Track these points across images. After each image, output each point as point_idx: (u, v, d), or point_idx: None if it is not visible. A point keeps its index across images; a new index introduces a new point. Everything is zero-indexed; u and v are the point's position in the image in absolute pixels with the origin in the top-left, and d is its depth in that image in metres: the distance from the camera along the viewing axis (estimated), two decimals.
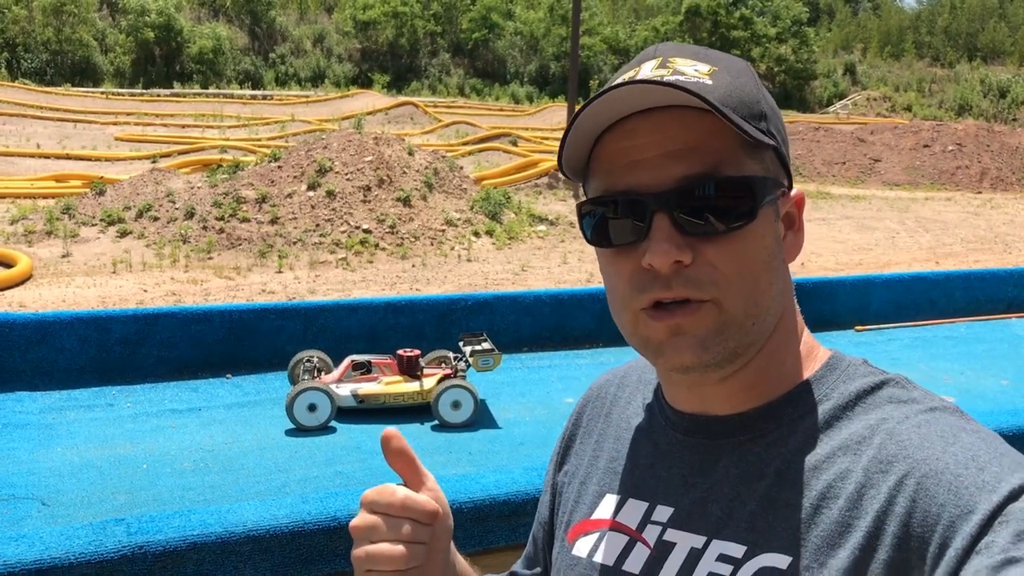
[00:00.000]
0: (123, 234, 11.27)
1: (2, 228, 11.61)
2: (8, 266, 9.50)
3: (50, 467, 3.32)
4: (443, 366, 4.50)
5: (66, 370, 4.18)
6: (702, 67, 0.79)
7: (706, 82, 0.77)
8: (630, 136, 0.78)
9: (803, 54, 53.69)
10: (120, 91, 36.11)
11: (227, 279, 9.71)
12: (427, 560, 0.81)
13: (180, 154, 20.46)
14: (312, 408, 3.96)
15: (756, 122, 0.78)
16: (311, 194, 11.97)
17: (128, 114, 29.35)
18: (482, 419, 4.21)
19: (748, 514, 0.78)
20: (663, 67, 0.79)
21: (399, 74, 46.26)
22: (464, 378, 4.29)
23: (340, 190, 12.00)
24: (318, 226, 11.48)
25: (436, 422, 4.15)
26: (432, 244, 11.64)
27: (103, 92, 34.98)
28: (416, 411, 4.23)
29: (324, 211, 11.73)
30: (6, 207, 13.29)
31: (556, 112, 35.52)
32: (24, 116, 26.61)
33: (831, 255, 12.57)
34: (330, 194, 11.91)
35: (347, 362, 4.35)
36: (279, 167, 12.56)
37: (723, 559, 0.78)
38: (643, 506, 0.87)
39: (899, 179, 23.35)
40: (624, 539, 0.86)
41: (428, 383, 4.27)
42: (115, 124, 27.03)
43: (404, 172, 12.74)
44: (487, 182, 16.00)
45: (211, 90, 38.48)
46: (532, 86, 47.79)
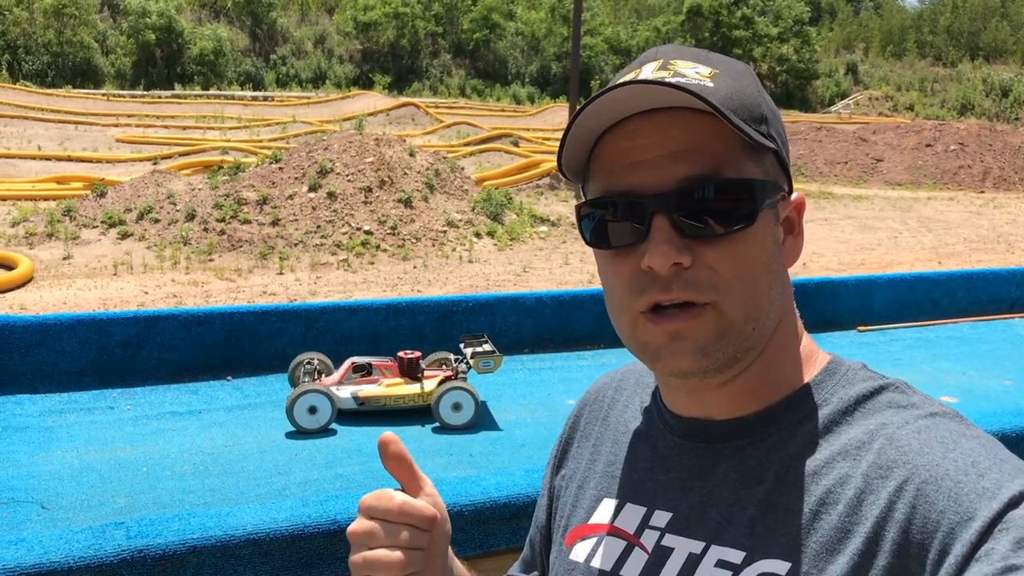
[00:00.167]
0: (124, 236, 11.28)
1: (3, 230, 11.62)
2: (9, 268, 9.50)
3: (50, 470, 3.32)
4: (444, 368, 4.49)
5: (66, 373, 4.17)
6: (703, 69, 0.79)
7: (707, 84, 0.77)
8: (631, 137, 0.77)
9: (805, 54, 53.68)
10: (121, 93, 36.14)
11: (228, 281, 9.71)
12: (425, 566, 0.81)
13: (181, 156, 20.47)
14: (312, 410, 3.95)
15: (757, 125, 0.78)
16: (312, 195, 11.97)
17: (129, 116, 29.39)
18: (483, 421, 4.20)
19: (747, 519, 0.78)
20: (664, 69, 0.79)
21: (400, 75, 46.29)
22: (465, 380, 4.28)
23: (341, 191, 12.00)
24: (319, 227, 11.48)
25: (437, 424, 4.14)
26: (433, 245, 11.63)
27: (104, 94, 35.02)
28: (417, 413, 4.22)
29: (325, 212, 11.73)
30: (7, 209, 13.30)
31: (557, 113, 35.52)
32: (25, 118, 26.64)
33: (833, 255, 12.55)
34: (331, 195, 11.91)
35: (348, 364, 4.34)
36: (280, 168, 12.56)
37: (722, 565, 0.77)
38: (641, 511, 0.86)
39: (901, 179, 23.33)
40: (622, 544, 0.86)
41: (429, 385, 4.26)
42: (116, 126, 27.07)
43: (405, 173, 12.74)
44: (488, 183, 15.99)
45: (212, 91, 38.51)
46: (533, 87, 47.80)
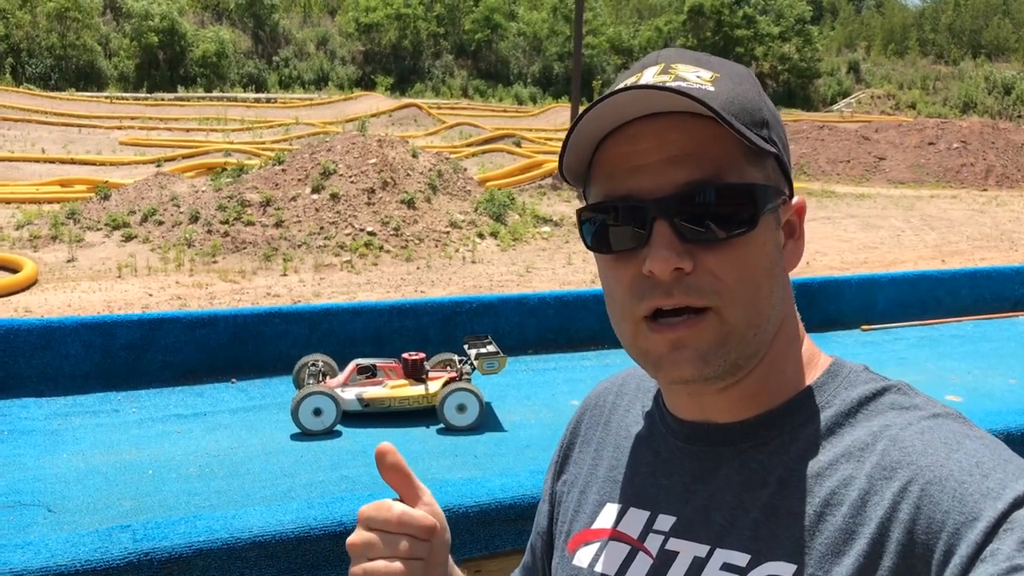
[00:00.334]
0: (128, 238, 11.30)
1: (8, 233, 11.65)
2: (14, 271, 9.52)
3: (56, 473, 3.33)
4: (448, 369, 4.49)
5: (71, 376, 4.18)
6: (704, 73, 0.79)
7: (708, 88, 0.76)
8: (632, 141, 0.77)
9: (807, 52, 53.63)
10: (124, 95, 36.20)
11: (232, 283, 9.72)
12: (424, 575, 0.80)
13: (184, 158, 20.50)
14: (317, 412, 3.96)
15: (758, 129, 0.78)
16: (315, 197, 11.98)
17: (132, 118, 29.45)
18: (487, 422, 4.21)
19: (751, 522, 0.78)
20: (665, 73, 0.79)
21: (402, 76, 46.31)
22: (469, 381, 4.29)
23: (344, 193, 12.01)
24: (322, 229, 11.49)
25: (441, 425, 4.15)
26: (436, 246, 11.64)
27: (107, 96, 35.08)
28: (421, 414, 4.22)
29: (328, 214, 11.74)
30: (11, 212, 13.34)
31: (560, 113, 35.50)
32: (29, 121, 26.70)
33: (836, 254, 12.54)
34: (334, 197, 11.92)
35: (352, 366, 4.35)
36: (283, 170, 12.58)
37: (727, 568, 0.77)
38: (644, 515, 0.86)
39: (904, 177, 23.30)
40: (626, 549, 0.86)
41: (433, 386, 4.27)
42: (119, 128, 27.11)
43: (408, 174, 12.75)
44: (491, 183, 15.99)
45: (215, 93, 38.55)
46: (535, 87, 47.79)
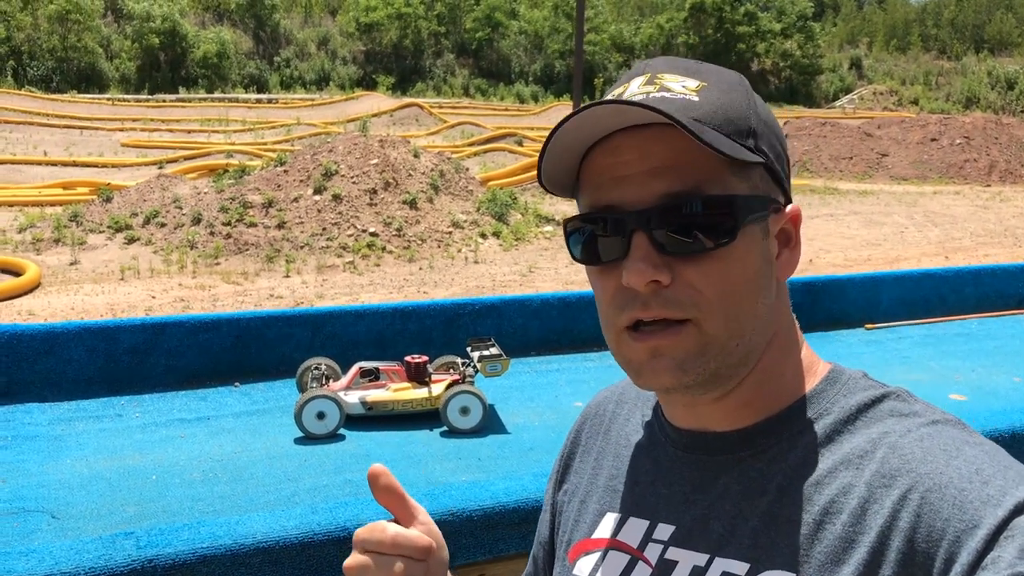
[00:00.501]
0: (130, 241, 11.32)
1: (10, 236, 11.67)
2: (17, 274, 9.54)
3: (60, 479, 3.32)
4: (451, 372, 4.48)
5: (75, 381, 4.17)
6: (690, 83, 0.79)
7: (692, 99, 0.77)
8: (614, 153, 0.78)
9: (808, 49, 53.63)
10: (126, 97, 36.27)
11: (235, 284, 9.73)
12: None
13: (186, 159, 20.53)
14: (321, 416, 3.95)
15: (743, 139, 0.77)
16: (317, 198, 11.99)
17: (134, 120, 29.51)
18: (491, 424, 4.20)
19: (750, 531, 0.78)
20: (651, 83, 0.79)
21: (404, 75, 46.34)
22: (472, 384, 4.28)
23: (346, 193, 12.02)
24: (325, 230, 11.50)
25: (445, 428, 4.14)
26: (439, 246, 11.64)
27: (109, 98, 35.14)
28: (425, 417, 4.22)
29: (330, 215, 11.75)
30: (14, 215, 13.36)
31: (561, 111, 35.51)
32: (31, 124, 26.76)
33: (839, 251, 12.52)
34: (336, 198, 11.93)
35: (355, 369, 4.34)
36: (285, 171, 12.59)
37: None
38: (644, 524, 0.86)
39: (907, 173, 23.27)
40: (625, 558, 0.86)
41: (436, 389, 4.26)
42: (121, 130, 27.17)
43: (410, 174, 12.75)
44: (493, 183, 15.99)
45: (216, 94, 38.62)
46: (537, 85, 47.81)
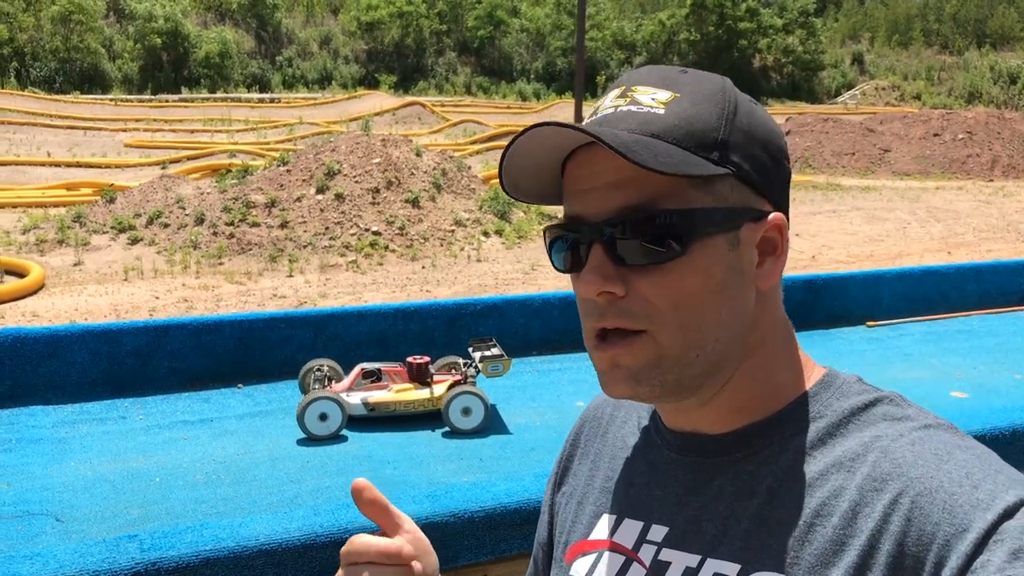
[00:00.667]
0: (134, 241, 11.35)
1: (14, 237, 11.70)
2: (21, 276, 9.57)
3: (64, 482, 3.34)
4: (453, 372, 4.49)
5: (78, 383, 4.19)
6: (662, 95, 0.80)
7: (656, 112, 0.78)
8: (581, 165, 0.80)
9: (810, 45, 53.49)
10: (129, 97, 36.34)
11: (238, 284, 9.75)
12: None
13: (189, 159, 20.56)
14: (323, 417, 3.96)
15: (705, 152, 0.77)
16: (320, 197, 12.01)
17: (137, 120, 29.55)
18: (493, 425, 4.21)
19: (742, 532, 0.78)
20: (623, 96, 0.81)
21: (406, 74, 46.33)
22: (474, 384, 4.29)
23: (349, 193, 12.03)
24: (327, 229, 11.51)
25: (446, 429, 4.15)
26: (442, 245, 11.66)
27: (112, 99, 35.20)
28: (427, 418, 4.23)
29: (333, 214, 11.76)
30: (18, 216, 13.39)
31: (563, 108, 35.47)
32: (34, 124, 26.81)
33: (842, 247, 12.52)
34: (339, 197, 11.95)
35: (357, 370, 4.35)
36: (288, 171, 12.60)
37: None
38: (639, 525, 0.87)
39: (909, 169, 23.23)
40: (621, 559, 0.87)
41: (438, 390, 4.27)
42: (124, 131, 27.22)
43: (412, 173, 12.76)
44: (495, 181, 15.99)
45: (219, 94, 38.65)
46: (539, 83, 47.78)
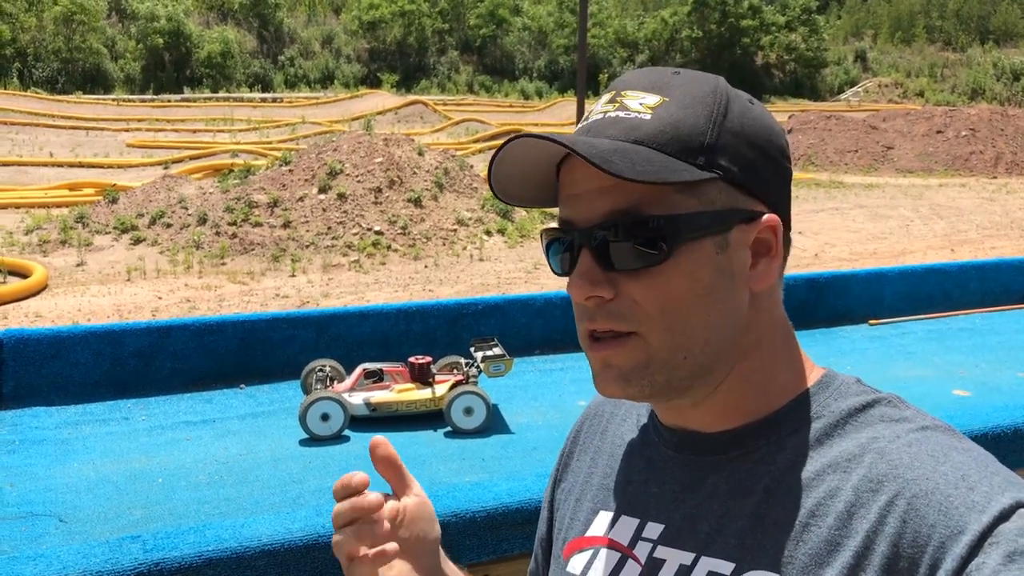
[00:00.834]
0: (137, 241, 11.37)
1: (17, 238, 11.72)
2: (24, 276, 9.59)
3: (67, 483, 3.34)
4: (455, 372, 4.50)
5: (81, 384, 4.19)
6: (650, 100, 0.80)
7: (642, 118, 0.79)
8: (571, 171, 0.81)
9: (813, 42, 53.44)
10: (131, 97, 36.38)
11: (241, 284, 9.76)
12: (413, 561, 0.88)
13: (192, 159, 20.59)
14: (325, 418, 3.97)
15: (690, 157, 0.77)
16: (322, 197, 12.02)
17: (139, 120, 29.59)
18: (495, 424, 4.20)
19: (737, 531, 0.79)
20: (612, 102, 0.82)
21: (408, 73, 46.33)
22: (476, 384, 4.29)
23: (351, 192, 12.04)
24: (330, 229, 11.52)
25: (448, 429, 4.16)
26: (444, 244, 11.66)
27: (114, 99, 35.25)
28: (428, 418, 4.23)
29: (336, 214, 11.77)
30: (20, 217, 13.42)
31: (566, 107, 35.47)
32: (36, 125, 26.85)
33: (845, 245, 12.50)
34: (341, 196, 11.96)
35: (359, 370, 4.35)
36: (290, 171, 12.62)
37: None
38: (635, 523, 0.88)
39: (912, 166, 23.20)
40: (617, 556, 0.87)
41: (440, 390, 4.27)
42: (127, 131, 27.25)
43: (414, 172, 12.77)
44: None
45: (221, 94, 38.69)
46: (541, 81, 47.76)
